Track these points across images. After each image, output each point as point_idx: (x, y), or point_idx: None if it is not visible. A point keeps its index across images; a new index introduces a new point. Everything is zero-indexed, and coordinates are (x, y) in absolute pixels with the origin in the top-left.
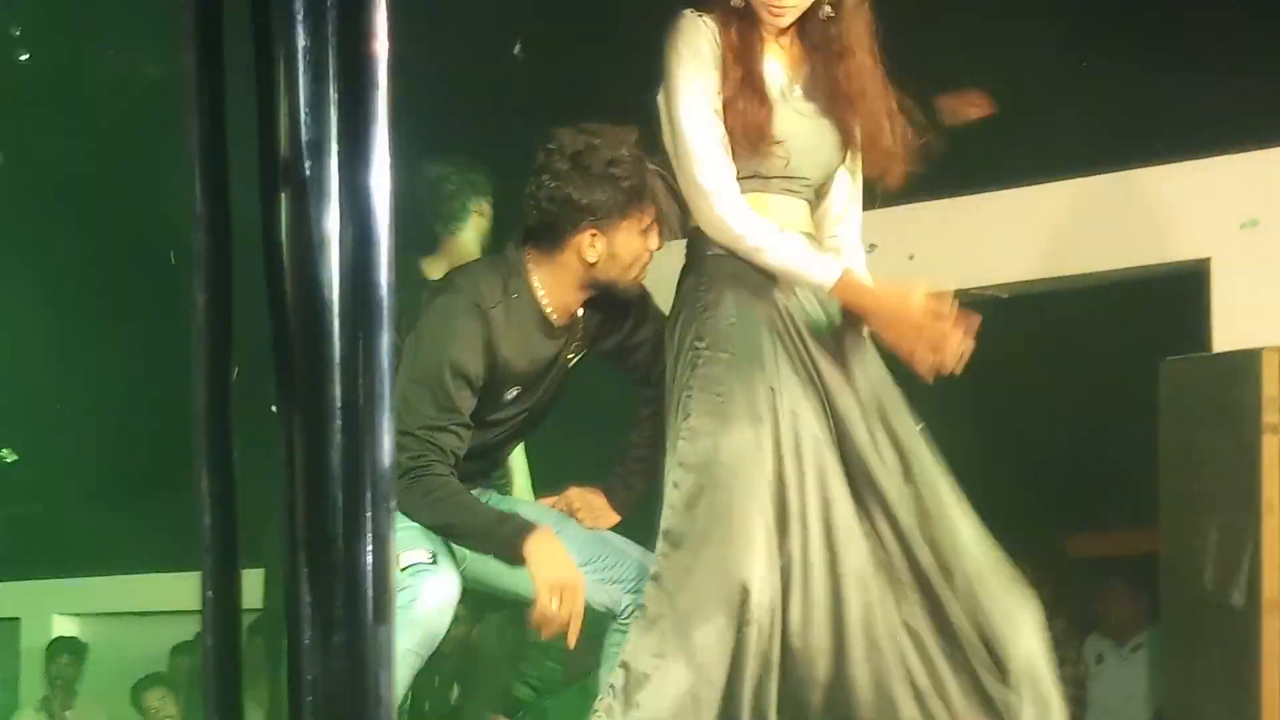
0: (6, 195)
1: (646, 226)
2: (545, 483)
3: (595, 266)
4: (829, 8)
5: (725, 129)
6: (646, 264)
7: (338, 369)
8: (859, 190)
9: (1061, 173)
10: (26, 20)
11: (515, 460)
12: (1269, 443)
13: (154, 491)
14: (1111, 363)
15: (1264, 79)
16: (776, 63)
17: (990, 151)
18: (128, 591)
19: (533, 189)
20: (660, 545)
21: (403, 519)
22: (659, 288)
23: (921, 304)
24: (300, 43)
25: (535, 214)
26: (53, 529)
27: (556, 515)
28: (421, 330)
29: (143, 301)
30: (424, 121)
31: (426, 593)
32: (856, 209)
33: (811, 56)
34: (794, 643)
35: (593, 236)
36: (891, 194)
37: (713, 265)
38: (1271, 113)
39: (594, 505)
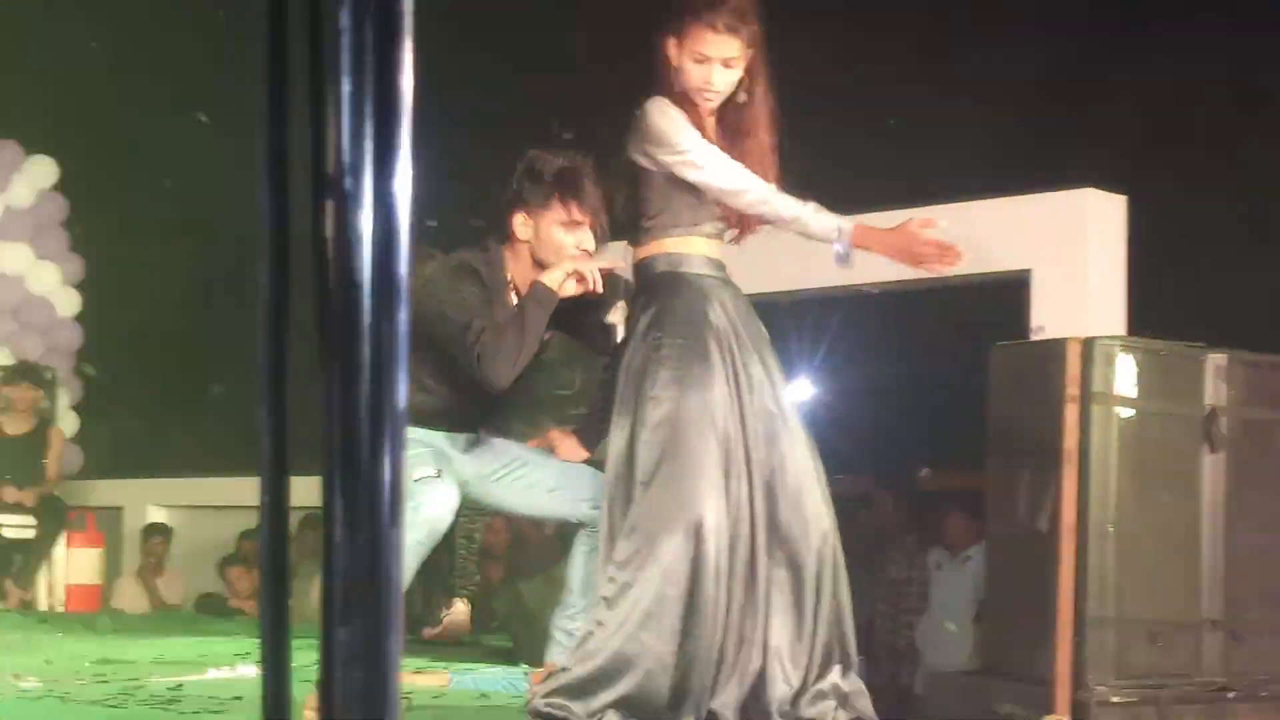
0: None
1: (571, 221)
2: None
3: (529, 245)
4: (744, 94)
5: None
6: (576, 257)
7: (367, 333)
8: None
9: (923, 200)
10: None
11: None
12: (1069, 409)
13: (228, 416)
14: (954, 345)
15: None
16: (708, 133)
17: (866, 180)
18: (205, 489)
19: (507, 190)
20: (638, 490)
21: (414, 444)
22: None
23: (916, 230)
24: (345, 88)
25: (503, 207)
26: (147, 439)
27: (540, 451)
28: (436, 277)
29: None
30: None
31: (432, 499)
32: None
33: (729, 131)
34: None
35: (524, 219)
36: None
37: (662, 281)
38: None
39: (568, 444)
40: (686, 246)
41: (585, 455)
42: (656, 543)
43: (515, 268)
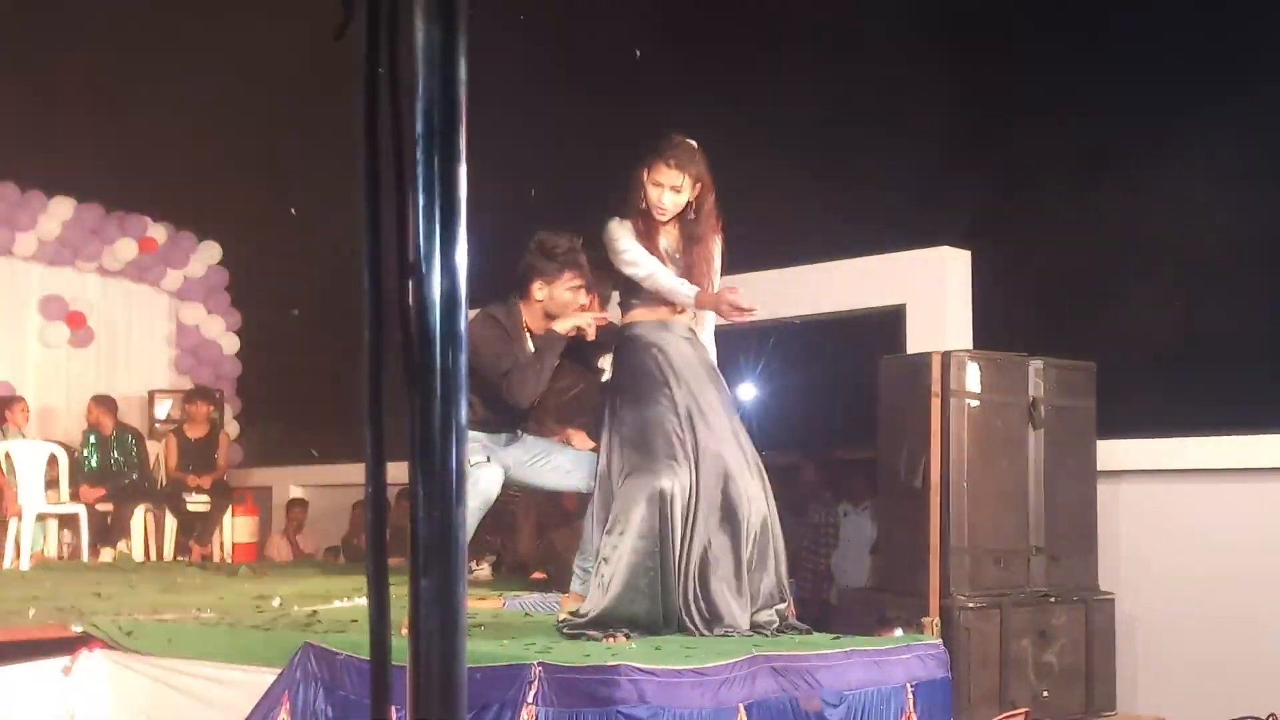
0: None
1: (576, 286)
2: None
3: (544, 303)
4: (693, 213)
5: None
6: (579, 310)
7: (438, 369)
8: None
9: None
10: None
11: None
12: (934, 402)
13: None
14: (855, 357)
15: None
16: (664, 239)
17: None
18: (330, 473)
19: (523, 261)
20: (619, 479)
21: (470, 441)
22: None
23: (723, 294)
24: (421, 200)
25: (522, 274)
26: (288, 439)
27: (559, 443)
28: (472, 329)
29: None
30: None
31: (485, 476)
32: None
33: (685, 238)
34: (694, 520)
35: (540, 285)
36: (720, 269)
37: (625, 341)
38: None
39: (579, 438)
40: (650, 315)
41: (592, 446)
42: (630, 511)
43: (529, 317)
